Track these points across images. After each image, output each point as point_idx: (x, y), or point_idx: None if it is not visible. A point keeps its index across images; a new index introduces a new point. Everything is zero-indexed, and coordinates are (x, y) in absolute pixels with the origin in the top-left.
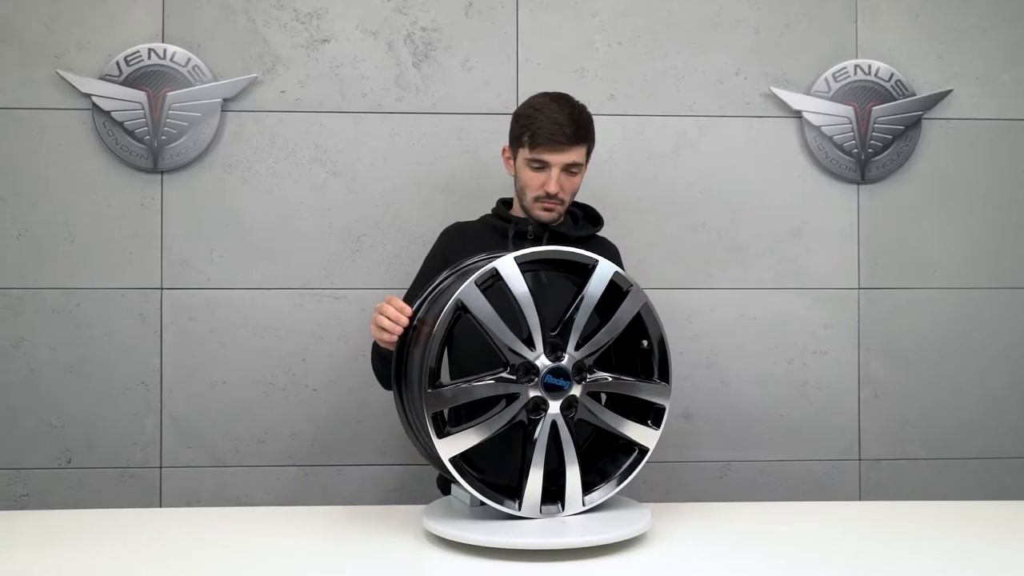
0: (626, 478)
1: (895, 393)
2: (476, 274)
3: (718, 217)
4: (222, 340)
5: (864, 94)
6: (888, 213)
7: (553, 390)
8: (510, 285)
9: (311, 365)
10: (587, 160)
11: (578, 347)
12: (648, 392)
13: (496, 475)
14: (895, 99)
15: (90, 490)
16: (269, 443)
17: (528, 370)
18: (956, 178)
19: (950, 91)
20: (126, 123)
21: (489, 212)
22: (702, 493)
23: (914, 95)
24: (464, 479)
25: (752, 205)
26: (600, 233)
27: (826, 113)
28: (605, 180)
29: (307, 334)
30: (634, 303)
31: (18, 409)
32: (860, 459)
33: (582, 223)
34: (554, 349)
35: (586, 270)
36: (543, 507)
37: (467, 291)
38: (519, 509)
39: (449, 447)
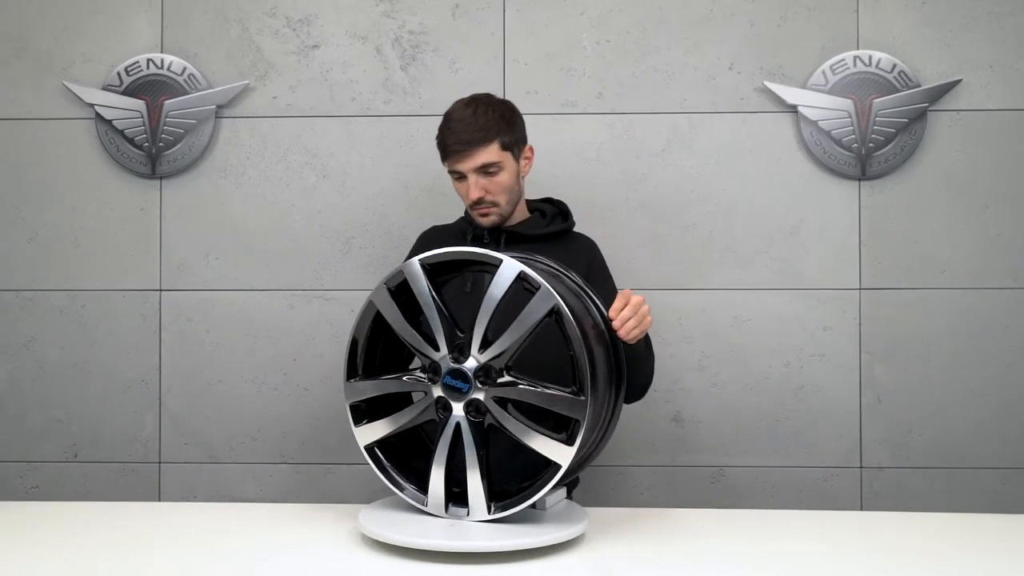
0: (535, 494)
1: (900, 398)
2: (386, 277)
3: (710, 216)
4: (217, 340)
5: (865, 86)
6: (892, 210)
7: (453, 392)
8: (413, 286)
9: (302, 365)
10: (515, 154)
11: (484, 349)
12: (558, 404)
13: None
14: (898, 91)
15: (95, 484)
16: (262, 441)
17: (436, 370)
18: (966, 172)
19: (959, 81)
20: (126, 131)
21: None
22: (694, 499)
23: (919, 86)
24: (377, 468)
25: (746, 203)
26: (588, 232)
27: (823, 107)
28: (593, 180)
29: (298, 334)
30: (541, 305)
31: (29, 405)
32: (862, 467)
33: (551, 219)
34: (463, 351)
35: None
36: (453, 508)
37: (377, 294)
38: (426, 505)
39: (364, 435)
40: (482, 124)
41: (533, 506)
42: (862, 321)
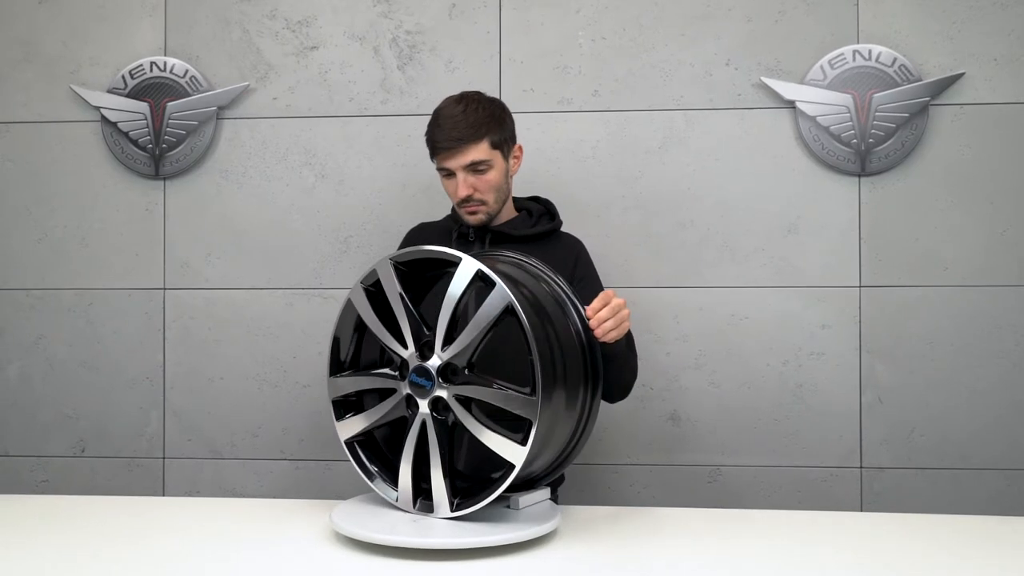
0: (492, 492)
1: (901, 398)
2: (363, 275)
3: (707, 213)
4: (219, 338)
5: (864, 81)
6: (893, 206)
7: (418, 389)
8: (384, 286)
9: (302, 363)
10: (504, 152)
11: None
12: (512, 404)
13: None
14: (899, 85)
15: (102, 478)
16: (262, 437)
17: (405, 367)
18: (969, 167)
19: (962, 74)
20: (131, 133)
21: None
22: (691, 498)
23: (920, 80)
24: (355, 462)
25: (744, 200)
26: (584, 230)
27: (821, 102)
28: (589, 178)
29: (298, 332)
30: (496, 303)
31: (39, 401)
32: (862, 467)
33: (538, 219)
34: (430, 348)
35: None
36: (424, 503)
37: (354, 292)
38: (396, 500)
39: (344, 430)
40: (472, 122)
41: (508, 505)
42: (862, 319)
